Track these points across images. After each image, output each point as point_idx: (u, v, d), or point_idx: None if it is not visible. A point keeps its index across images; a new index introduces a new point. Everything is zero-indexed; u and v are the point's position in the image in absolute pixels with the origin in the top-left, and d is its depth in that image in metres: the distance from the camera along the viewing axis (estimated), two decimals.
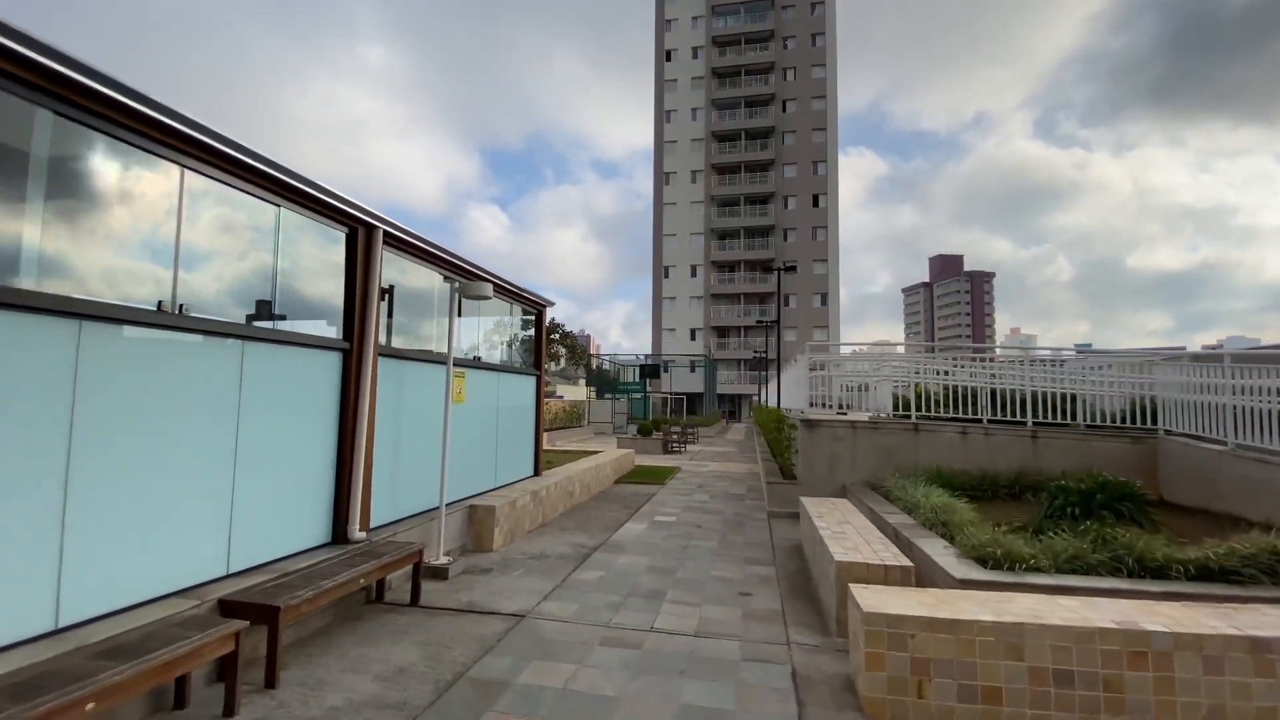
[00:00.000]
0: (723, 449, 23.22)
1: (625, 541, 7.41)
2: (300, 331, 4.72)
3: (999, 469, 8.61)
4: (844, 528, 5.82)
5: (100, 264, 3.49)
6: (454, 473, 6.92)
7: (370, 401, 5.32)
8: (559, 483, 9.10)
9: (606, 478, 12.04)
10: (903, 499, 7.35)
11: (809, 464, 9.21)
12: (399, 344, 6.24)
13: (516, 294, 8.54)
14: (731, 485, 12.62)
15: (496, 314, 8.54)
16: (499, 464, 8.10)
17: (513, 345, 8.78)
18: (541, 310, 9.64)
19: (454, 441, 6.90)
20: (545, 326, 9.72)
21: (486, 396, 7.84)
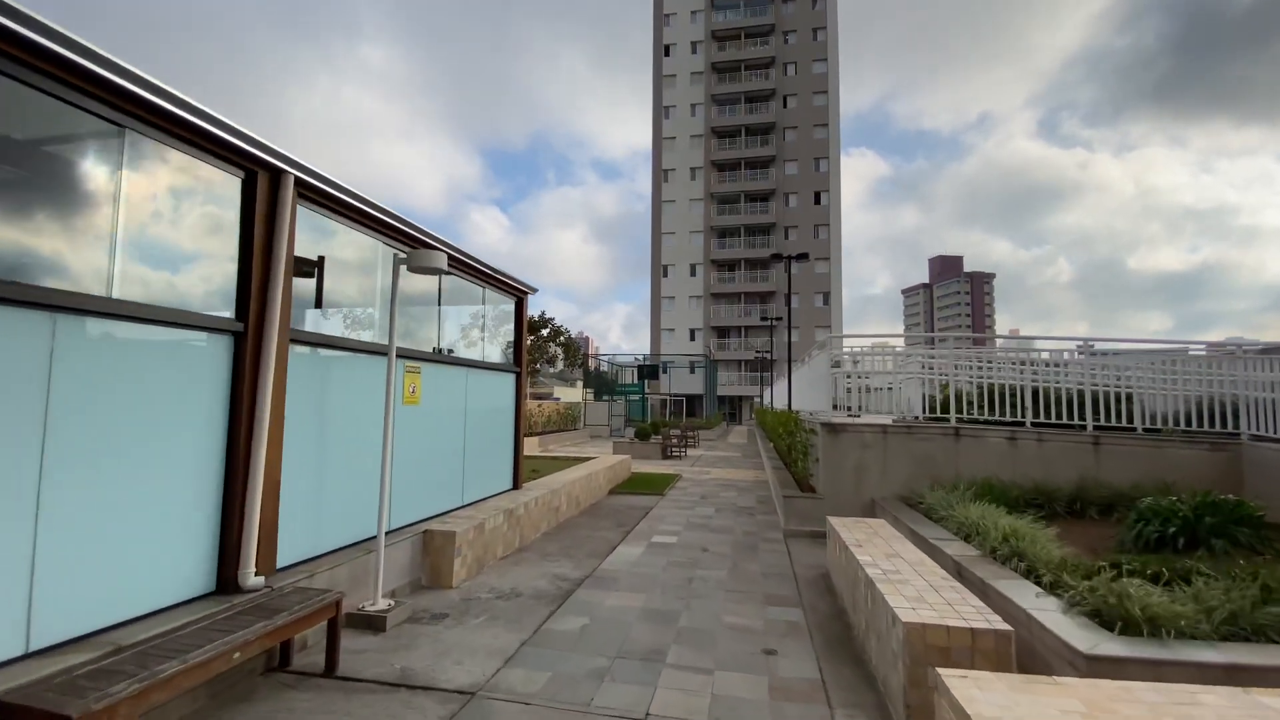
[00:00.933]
0: (725, 453, 21.93)
1: (617, 572, 6.12)
2: (158, 305, 3.43)
3: (1056, 481, 7.36)
4: (894, 563, 4.54)
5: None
6: (404, 491, 5.63)
7: (275, 402, 4.03)
8: (542, 498, 7.81)
9: (599, 488, 10.75)
10: (952, 519, 6.08)
11: (832, 475, 7.92)
12: (334, 332, 4.96)
13: (488, 276, 7.25)
14: (739, 496, 11.32)
15: (468, 303, 7.26)
16: (467, 477, 6.81)
17: (485, 337, 7.49)
18: (522, 299, 8.36)
19: (404, 452, 5.61)
20: (526, 316, 8.43)
21: (452, 397, 6.55)
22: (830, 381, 8.34)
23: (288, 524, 4.24)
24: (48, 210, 3.09)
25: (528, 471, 10.46)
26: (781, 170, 58.66)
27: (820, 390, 9.13)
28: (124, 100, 3.16)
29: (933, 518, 6.51)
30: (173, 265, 3.64)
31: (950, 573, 4.64)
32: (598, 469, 10.96)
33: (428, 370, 6.04)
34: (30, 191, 3.04)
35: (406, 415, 5.68)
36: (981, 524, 5.43)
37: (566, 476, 9.57)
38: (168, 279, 3.61)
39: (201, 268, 3.82)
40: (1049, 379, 8.02)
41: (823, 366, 8.79)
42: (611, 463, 12.19)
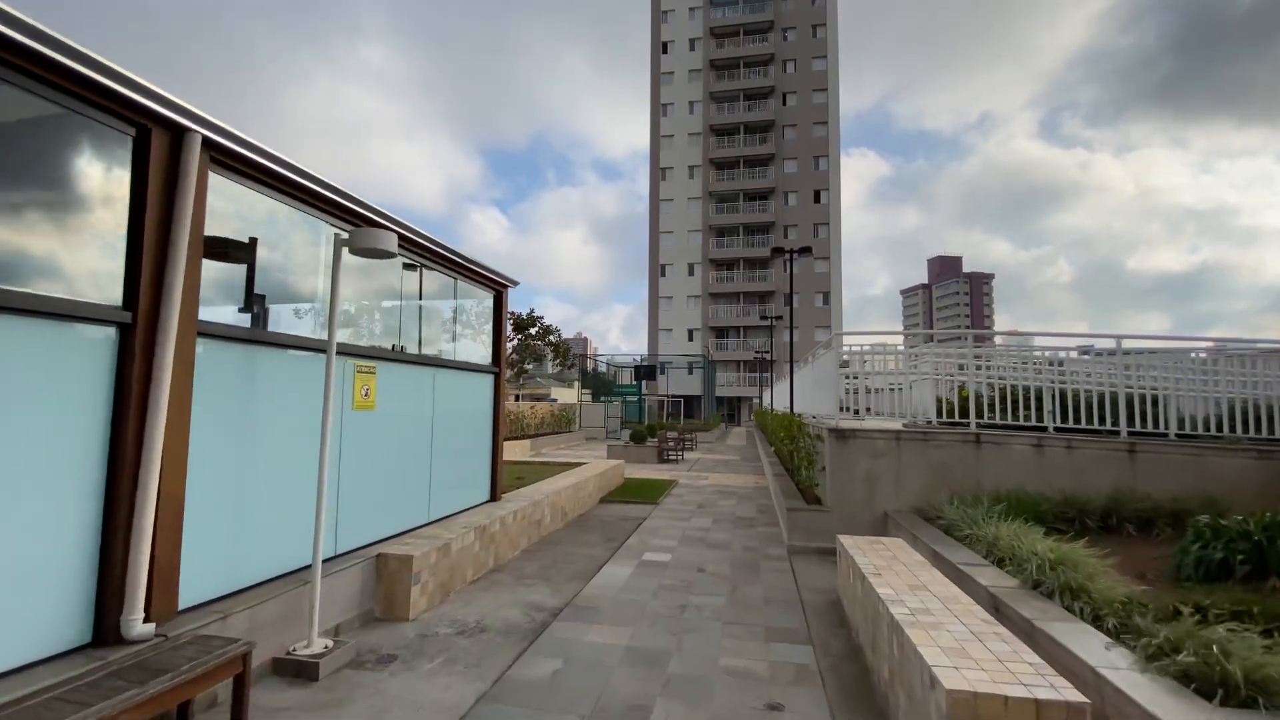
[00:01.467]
0: (724, 456, 21.23)
1: (601, 599, 5.41)
2: (7, 290, 2.72)
3: (1087, 492, 6.67)
4: (921, 597, 3.83)
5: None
6: (354, 509, 4.92)
7: (176, 410, 3.31)
8: (523, 511, 7.10)
9: (589, 497, 10.04)
10: (979, 539, 5.38)
11: (841, 486, 7.22)
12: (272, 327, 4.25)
13: (460, 266, 6.55)
14: (738, 505, 10.62)
15: (439, 298, 6.55)
16: (435, 491, 6.09)
17: (457, 334, 6.78)
18: (501, 293, 7.64)
19: (354, 465, 4.90)
20: (506, 312, 7.72)
21: (415, 400, 5.84)
22: (837, 383, 7.63)
23: (195, 556, 3.52)
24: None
25: (511, 479, 9.76)
26: (781, 168, 57.98)
27: (826, 392, 8.43)
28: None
29: (955, 535, 5.81)
30: (44, 242, 2.92)
31: (986, 608, 3.95)
32: (588, 476, 10.25)
33: (385, 371, 5.33)
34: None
35: (358, 422, 4.97)
36: (1016, 547, 4.73)
37: (552, 485, 8.85)
38: (36, 260, 2.90)
39: (84, 247, 3.10)
40: (1077, 380, 7.32)
41: (829, 367, 8.09)
42: (603, 469, 11.48)
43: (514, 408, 21.53)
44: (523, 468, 11.88)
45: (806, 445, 8.43)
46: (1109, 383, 7.16)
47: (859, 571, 4.55)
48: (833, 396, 7.72)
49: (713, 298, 58.79)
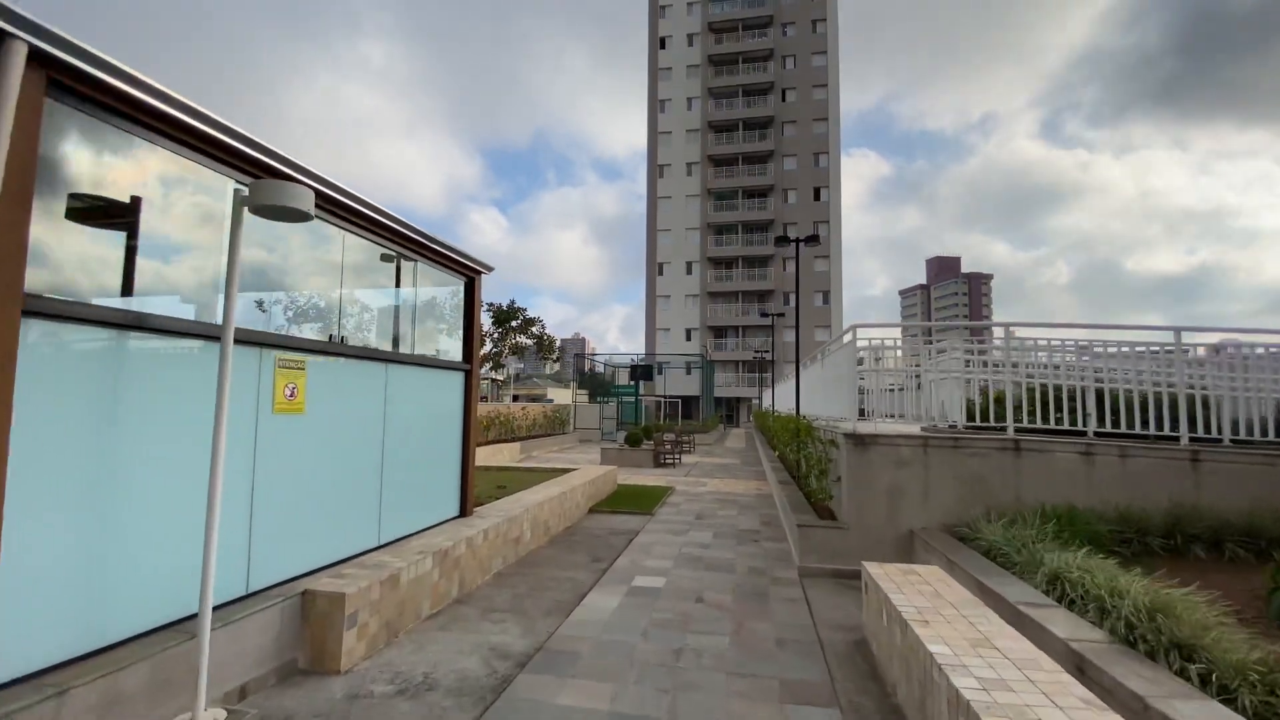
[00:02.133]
0: (723, 460, 20.34)
1: (580, 639, 4.51)
2: None
3: (1145, 508, 5.80)
4: (987, 658, 2.94)
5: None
6: (274, 535, 4.01)
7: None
8: (496, 528, 6.20)
9: (576, 508, 9.14)
10: (1033, 568, 4.50)
11: (860, 499, 6.33)
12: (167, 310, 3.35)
13: (421, 245, 5.65)
14: (740, 516, 9.72)
15: (398, 283, 5.66)
16: (386, 509, 5.18)
17: (416, 324, 5.88)
18: (473, 280, 6.74)
19: (275, 480, 3.99)
20: (479, 301, 6.82)
21: (361, 400, 4.93)
22: (854, 382, 6.74)
23: (18, 610, 2.62)
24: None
25: (491, 488, 8.85)
26: (780, 165, 57.13)
27: (839, 393, 7.54)
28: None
29: (1000, 562, 4.93)
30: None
31: (1068, 668, 3.07)
32: (576, 484, 9.34)
33: (320, 366, 4.42)
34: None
35: (281, 429, 4.06)
36: (1088, 583, 3.84)
37: (535, 496, 7.95)
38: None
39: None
40: (1129, 378, 6.44)
41: (843, 364, 7.19)
42: (594, 475, 10.58)
43: (504, 409, 20.62)
44: (507, 475, 10.98)
45: (818, 452, 7.55)
46: (1166, 382, 6.28)
47: (896, 614, 3.66)
48: (848, 397, 6.83)
49: (711, 296, 57.91)
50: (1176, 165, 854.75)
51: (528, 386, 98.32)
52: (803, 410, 10.83)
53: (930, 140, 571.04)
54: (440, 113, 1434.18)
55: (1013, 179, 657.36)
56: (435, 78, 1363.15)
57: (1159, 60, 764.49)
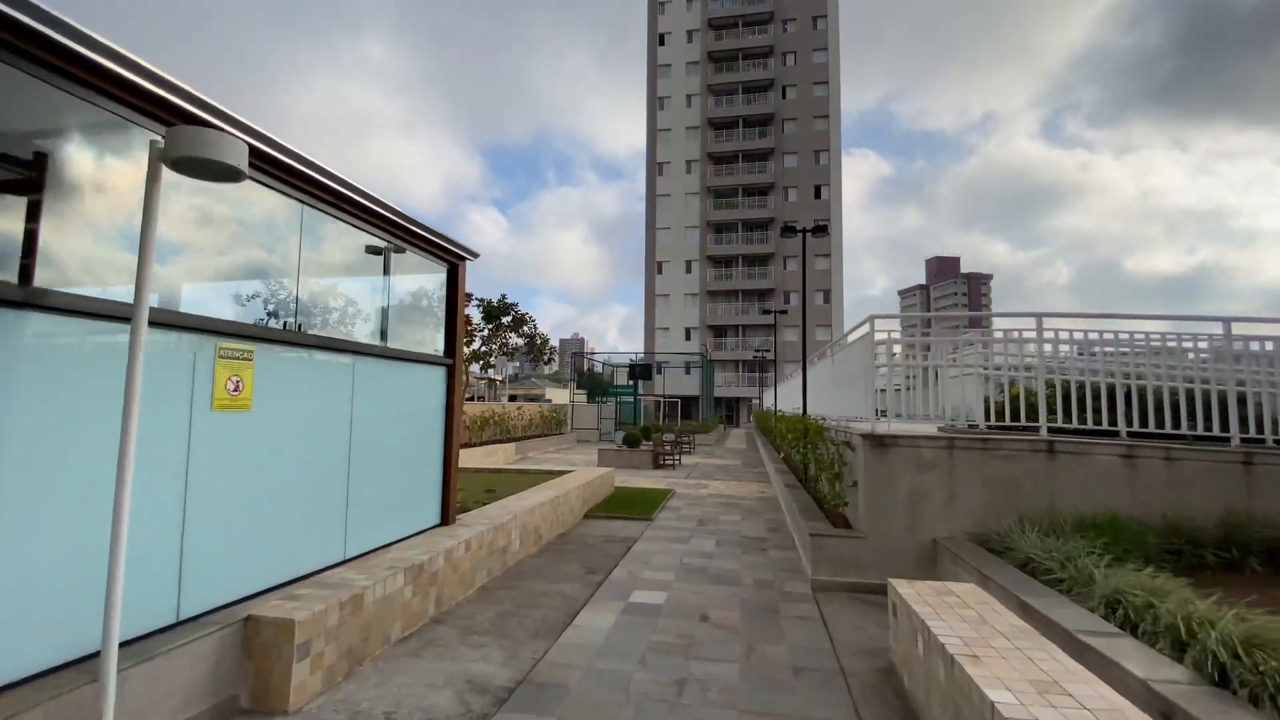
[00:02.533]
0: (724, 461, 19.80)
1: (570, 668, 3.96)
2: None
3: (1192, 515, 5.27)
4: (1063, 710, 2.41)
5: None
6: (212, 552, 3.46)
7: None
8: (481, 538, 5.65)
9: (571, 513, 8.60)
10: (1082, 584, 3.97)
11: (878, 506, 5.78)
12: None
13: (395, 225, 5.10)
14: (744, 521, 9.18)
15: (367, 270, 5.11)
16: (354, 518, 4.64)
17: (390, 313, 5.33)
18: (457, 267, 6.20)
19: (214, 488, 3.45)
20: (463, 290, 6.27)
21: (324, 397, 4.39)
22: (871, 379, 6.19)
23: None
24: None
25: (480, 492, 8.31)
26: (780, 163, 56.60)
27: (853, 391, 7.00)
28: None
29: (1042, 578, 4.39)
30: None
31: (1153, 715, 2.53)
32: (570, 488, 8.80)
33: (272, 357, 3.87)
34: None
35: (222, 428, 3.51)
36: (1162, 611, 3.30)
37: (525, 501, 7.40)
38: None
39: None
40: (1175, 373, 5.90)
41: (858, 359, 6.65)
42: (590, 478, 10.03)
43: (498, 409, 20.07)
44: (498, 478, 10.43)
45: (829, 455, 7.00)
46: (1215, 378, 5.75)
47: (938, 646, 3.12)
48: (864, 396, 6.30)
49: (710, 295, 57.37)
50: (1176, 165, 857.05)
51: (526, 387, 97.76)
52: (810, 409, 10.29)
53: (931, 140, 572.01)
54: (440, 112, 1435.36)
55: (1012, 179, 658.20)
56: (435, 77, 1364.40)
57: (1160, 60, 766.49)
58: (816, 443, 7.87)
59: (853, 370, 6.96)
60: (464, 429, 17.88)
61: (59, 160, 2.88)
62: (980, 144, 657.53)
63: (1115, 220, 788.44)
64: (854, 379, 6.89)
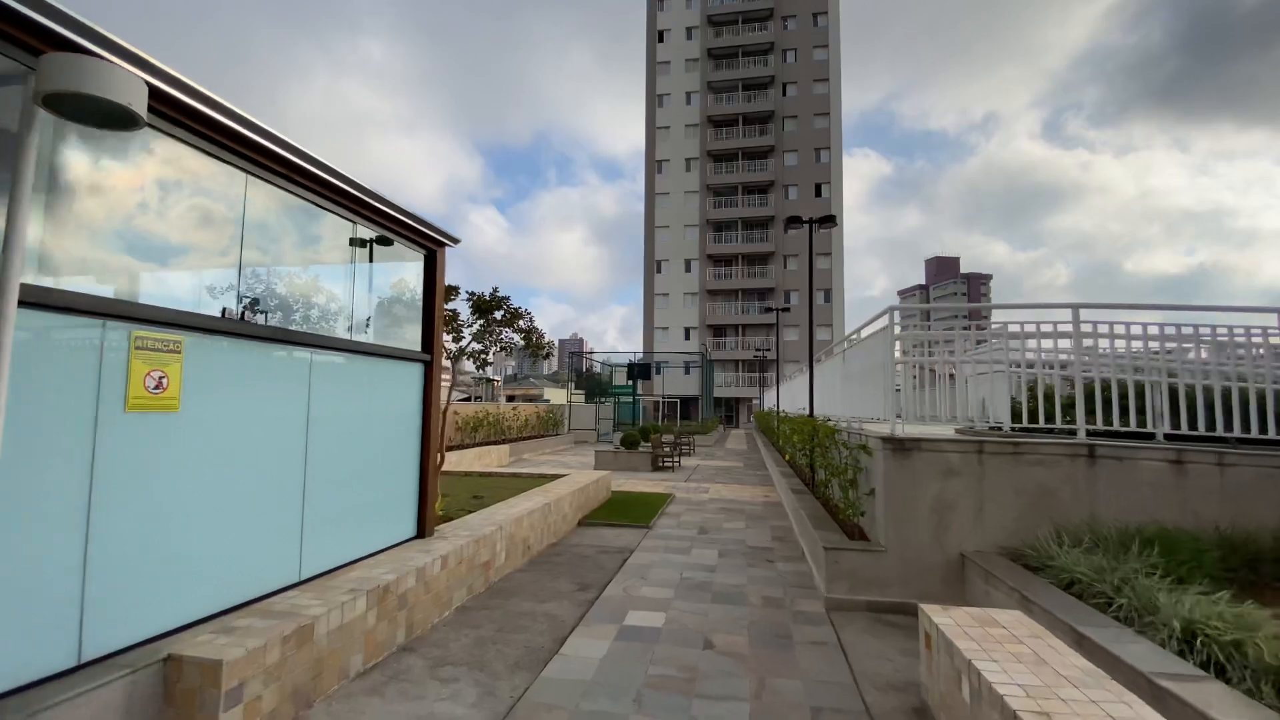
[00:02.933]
0: (725, 463, 19.25)
1: (553, 711, 3.42)
2: None
3: (1247, 527, 4.75)
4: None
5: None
6: (127, 578, 2.91)
7: None
8: (460, 552, 5.11)
9: (563, 520, 8.06)
10: (1154, 615, 3.43)
11: (900, 516, 5.24)
12: None
13: (360, 203, 4.56)
14: (749, 529, 8.65)
15: (333, 254, 4.58)
16: (311, 534, 4.09)
17: (355, 302, 4.78)
18: (435, 253, 5.66)
19: (130, 502, 2.90)
20: (443, 278, 5.73)
21: (275, 396, 3.84)
22: (890, 376, 5.65)
23: None
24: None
25: (466, 499, 7.78)
26: (781, 161, 56.06)
27: (869, 389, 6.46)
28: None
29: (1092, 601, 3.85)
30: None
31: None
32: (562, 494, 8.25)
33: (204, 350, 3.33)
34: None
35: (141, 432, 2.97)
36: (1258, 652, 2.77)
37: (512, 510, 6.86)
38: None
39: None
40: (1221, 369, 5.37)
41: (875, 355, 6.11)
42: (584, 482, 9.49)
43: (492, 409, 19.51)
44: (488, 482, 9.89)
45: (843, 460, 6.47)
46: (1273, 374, 5.21)
47: (996, 699, 2.57)
48: (883, 394, 5.76)
49: (710, 294, 56.82)
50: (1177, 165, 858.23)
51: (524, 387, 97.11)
52: (819, 410, 9.75)
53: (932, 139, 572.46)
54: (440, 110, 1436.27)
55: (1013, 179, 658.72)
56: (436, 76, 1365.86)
57: (1162, 59, 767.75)
58: (827, 446, 7.33)
59: (867, 367, 6.42)
60: (455, 430, 17.33)
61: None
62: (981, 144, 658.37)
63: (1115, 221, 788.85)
64: (869, 377, 6.35)
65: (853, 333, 7.57)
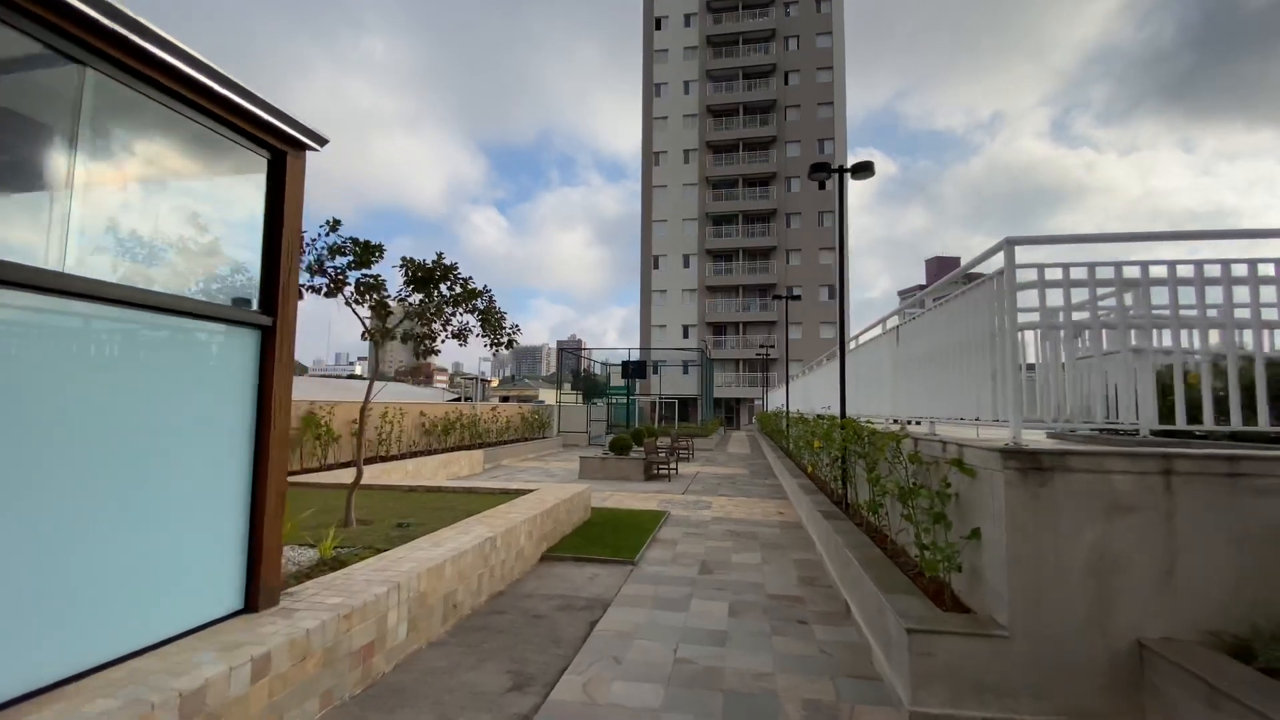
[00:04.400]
0: (727, 469, 17.17)
1: None
2: None
3: None
4: None
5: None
6: None
7: None
8: (313, 637, 3.06)
9: (518, 556, 6.00)
10: None
11: (1034, 580, 3.18)
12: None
13: (116, 38, 2.48)
14: (766, 564, 6.59)
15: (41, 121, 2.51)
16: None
17: (116, 220, 2.70)
18: (281, 158, 3.58)
19: None
20: (301, 196, 3.66)
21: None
22: (1010, 353, 3.54)
23: None
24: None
25: (389, 527, 5.73)
26: (783, 152, 54.01)
27: (955, 375, 4.38)
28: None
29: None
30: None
31: None
32: (516, 521, 6.20)
33: None
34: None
35: None
36: None
37: (434, 553, 4.81)
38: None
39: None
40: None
41: (975, 318, 4.03)
42: (553, 502, 7.43)
43: (467, 409, 17.43)
44: (431, 500, 7.81)
45: (912, 479, 4.40)
46: None
47: None
48: (997, 382, 3.69)
49: (710, 291, 54.72)
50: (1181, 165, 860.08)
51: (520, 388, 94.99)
52: (851, 409, 7.66)
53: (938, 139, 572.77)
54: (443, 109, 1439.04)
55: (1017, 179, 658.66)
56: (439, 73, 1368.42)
57: (1173, 56, 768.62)
58: (874, 458, 5.26)
59: (949, 343, 4.34)
60: (423, 435, 15.24)
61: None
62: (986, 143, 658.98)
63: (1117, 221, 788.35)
64: (954, 357, 4.26)
65: (911, 297, 5.49)
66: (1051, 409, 3.80)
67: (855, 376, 7.74)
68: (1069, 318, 3.46)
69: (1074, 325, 3.48)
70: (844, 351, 7.80)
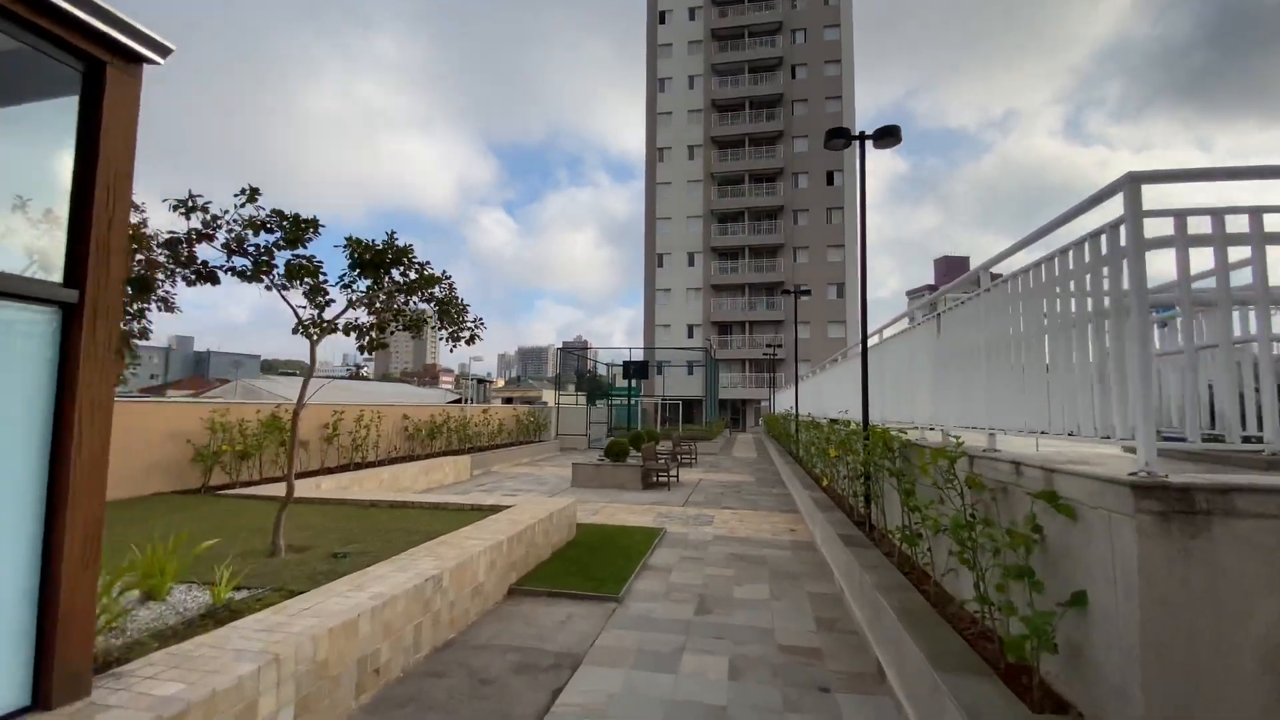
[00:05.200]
0: (732, 476, 16.08)
1: None
2: None
3: None
4: None
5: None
6: None
7: None
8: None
9: (473, 593, 4.97)
10: None
11: (1184, 677, 2.10)
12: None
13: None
14: (776, 598, 5.54)
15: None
16: None
17: None
18: (99, 69, 2.57)
19: None
20: (123, 130, 2.63)
21: None
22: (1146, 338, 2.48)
23: None
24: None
25: (326, 555, 4.73)
26: (790, 147, 52.74)
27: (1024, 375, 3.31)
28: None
29: None
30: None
31: None
32: (475, 551, 5.17)
33: None
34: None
35: None
36: None
37: (351, 600, 3.80)
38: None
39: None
40: None
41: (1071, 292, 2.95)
42: (528, 521, 6.41)
43: (454, 412, 16.42)
44: (389, 517, 6.80)
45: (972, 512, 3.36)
46: None
47: None
48: (1112, 383, 2.63)
49: (715, 290, 53.53)
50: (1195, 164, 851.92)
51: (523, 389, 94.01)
52: (881, 414, 6.53)
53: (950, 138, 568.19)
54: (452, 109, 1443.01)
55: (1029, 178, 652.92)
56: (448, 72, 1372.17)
57: (1188, 52, 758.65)
58: (916, 479, 4.19)
59: (1030, 329, 3.24)
60: (406, 439, 14.26)
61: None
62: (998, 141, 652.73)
63: None
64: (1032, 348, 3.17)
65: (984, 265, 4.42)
66: (1167, 416, 2.75)
67: (879, 375, 6.66)
68: (1225, 286, 2.39)
69: (1228, 297, 2.41)
70: (866, 345, 6.71)
